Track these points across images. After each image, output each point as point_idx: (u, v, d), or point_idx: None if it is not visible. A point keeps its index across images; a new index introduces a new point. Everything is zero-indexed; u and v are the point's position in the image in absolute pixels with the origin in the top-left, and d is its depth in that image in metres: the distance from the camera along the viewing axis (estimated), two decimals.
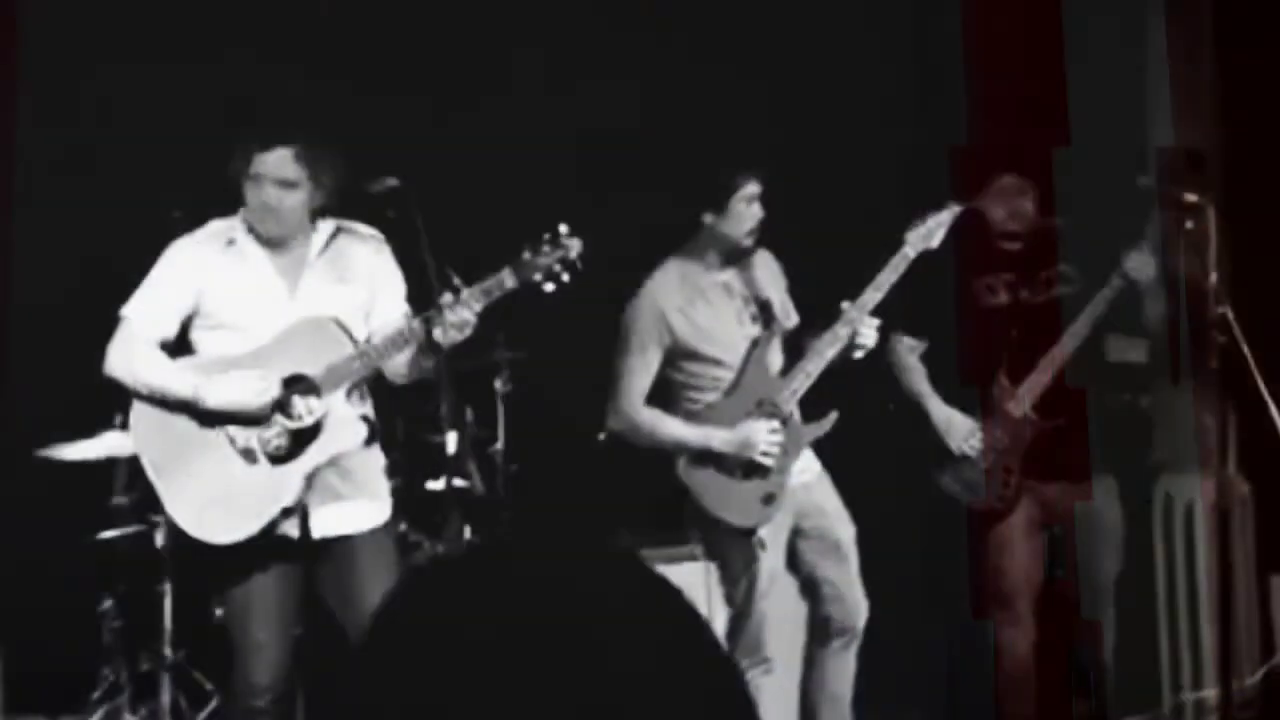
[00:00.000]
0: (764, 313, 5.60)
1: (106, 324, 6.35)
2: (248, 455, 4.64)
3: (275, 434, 4.65)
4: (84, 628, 6.28)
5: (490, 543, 5.78)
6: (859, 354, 5.47)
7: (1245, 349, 5.43)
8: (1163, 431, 6.82)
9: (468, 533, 6.36)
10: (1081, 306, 5.67)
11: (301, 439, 4.65)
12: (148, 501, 6.22)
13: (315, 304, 4.76)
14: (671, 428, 5.48)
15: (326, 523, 4.74)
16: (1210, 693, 6.36)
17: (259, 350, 4.70)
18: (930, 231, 5.48)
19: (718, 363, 5.50)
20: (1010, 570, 5.74)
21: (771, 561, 5.47)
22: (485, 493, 6.60)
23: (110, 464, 6.31)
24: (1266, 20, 6.69)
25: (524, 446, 6.79)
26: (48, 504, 6.39)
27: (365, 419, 4.79)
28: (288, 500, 4.65)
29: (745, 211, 5.46)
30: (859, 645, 5.63)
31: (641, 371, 5.45)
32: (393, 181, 4.78)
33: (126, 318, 4.79)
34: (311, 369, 4.67)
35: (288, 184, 4.73)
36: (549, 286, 4.78)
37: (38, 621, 6.28)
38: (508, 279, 4.73)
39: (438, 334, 4.63)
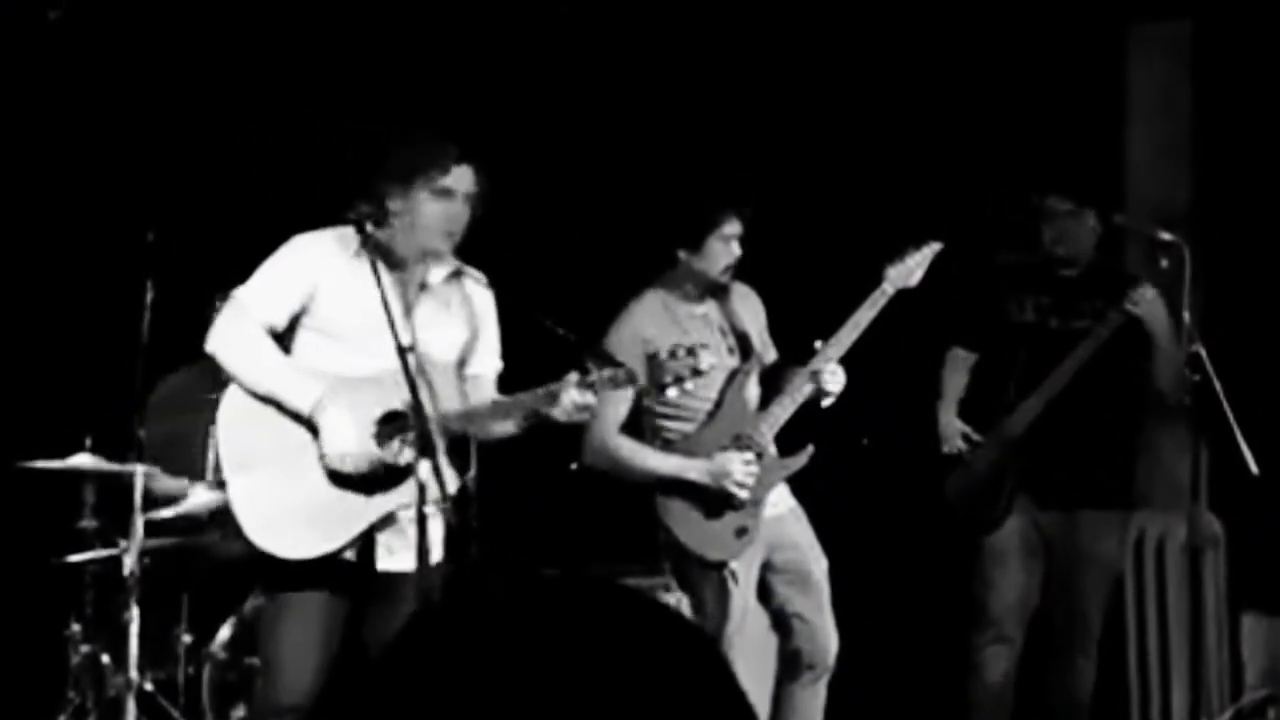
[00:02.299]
0: (742, 345, 5.59)
1: (75, 346, 6.36)
2: (335, 477, 4.47)
3: (363, 461, 4.47)
4: (50, 652, 6.23)
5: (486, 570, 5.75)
6: (827, 401, 5.46)
7: (1218, 386, 5.46)
8: (1141, 465, 6.86)
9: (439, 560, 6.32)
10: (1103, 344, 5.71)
11: (393, 475, 4.49)
12: (116, 525, 6.22)
13: (425, 334, 4.56)
14: (647, 458, 5.46)
15: (386, 558, 4.58)
16: None
17: (377, 374, 4.45)
18: (909, 270, 5.48)
19: (694, 394, 5.48)
20: (996, 589, 5.76)
21: (743, 595, 5.46)
22: (456, 522, 6.56)
23: (79, 486, 6.27)
24: (1241, 65, 6.75)
25: (496, 476, 6.76)
26: (14, 526, 6.35)
27: (457, 469, 4.68)
28: (359, 530, 4.49)
29: (721, 250, 5.43)
30: (829, 678, 5.62)
31: (618, 401, 5.43)
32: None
33: (241, 300, 4.55)
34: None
35: (469, 200, 4.59)
36: (672, 393, 4.74)
37: (3, 645, 6.24)
38: (641, 374, 4.69)
39: (556, 413, 4.54)
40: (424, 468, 5.52)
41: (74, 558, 6.23)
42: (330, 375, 4.50)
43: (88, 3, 6.74)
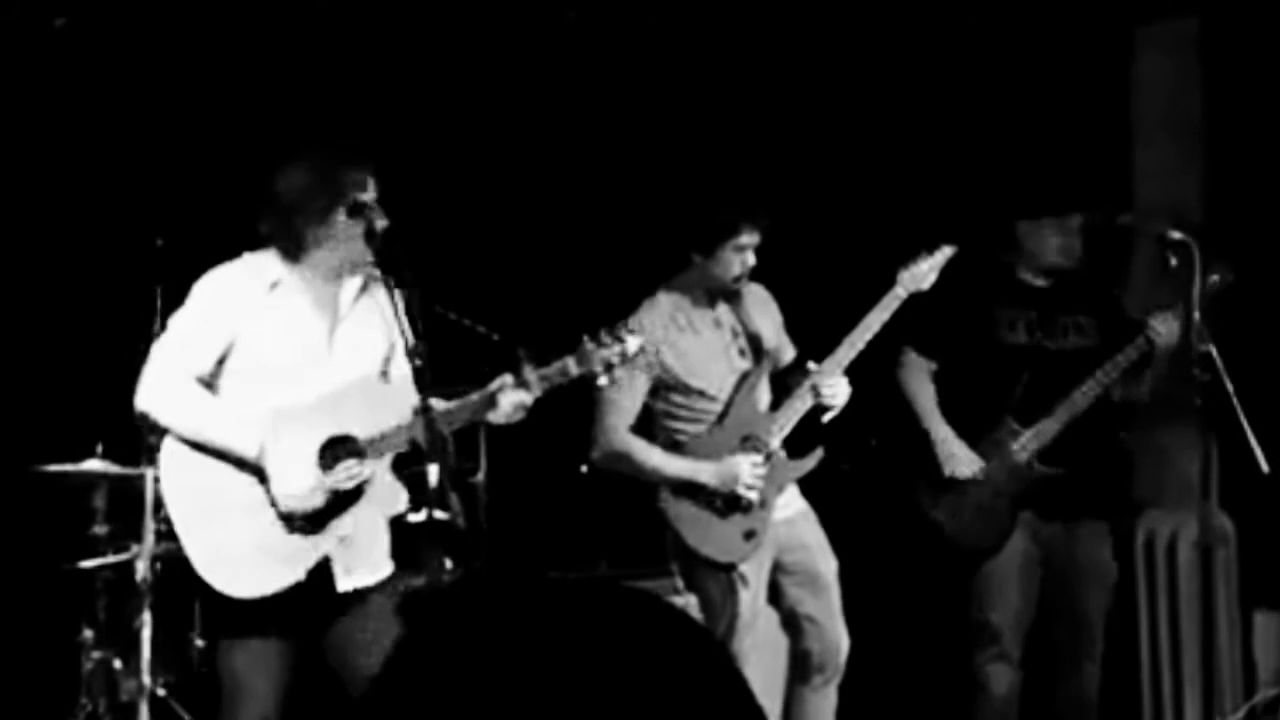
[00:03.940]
0: (754, 347, 5.58)
1: (86, 352, 6.38)
2: (285, 518, 4.41)
3: (315, 496, 4.41)
4: (63, 658, 6.24)
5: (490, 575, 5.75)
6: (828, 415, 5.45)
7: (1229, 385, 5.44)
8: (1145, 468, 6.84)
9: (449, 565, 6.33)
10: (1098, 361, 5.67)
11: (341, 501, 4.43)
12: (128, 530, 6.23)
13: (350, 353, 4.53)
14: (656, 459, 5.46)
15: (345, 578, 4.54)
16: None
17: (311, 404, 4.43)
18: (922, 273, 5.47)
19: (704, 395, 5.49)
20: (998, 607, 5.73)
21: (752, 597, 5.45)
22: (466, 525, 6.58)
23: (90, 492, 6.29)
24: (1249, 62, 6.74)
25: (505, 478, 6.78)
26: (26, 532, 6.37)
27: (468, 474, 4.67)
28: (315, 560, 4.45)
29: (734, 259, 5.42)
30: (839, 680, 5.61)
31: (629, 401, 5.43)
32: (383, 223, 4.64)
33: (166, 351, 4.44)
34: (360, 430, 4.45)
35: (377, 207, 4.48)
36: (603, 380, 4.68)
37: (16, 651, 6.26)
38: (572, 367, 4.61)
39: (495, 416, 4.53)
40: (433, 472, 5.56)
41: (86, 563, 6.25)
42: (266, 411, 4.41)
43: (93, 11, 6.75)
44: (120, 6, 6.75)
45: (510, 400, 4.53)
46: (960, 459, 5.71)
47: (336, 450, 4.44)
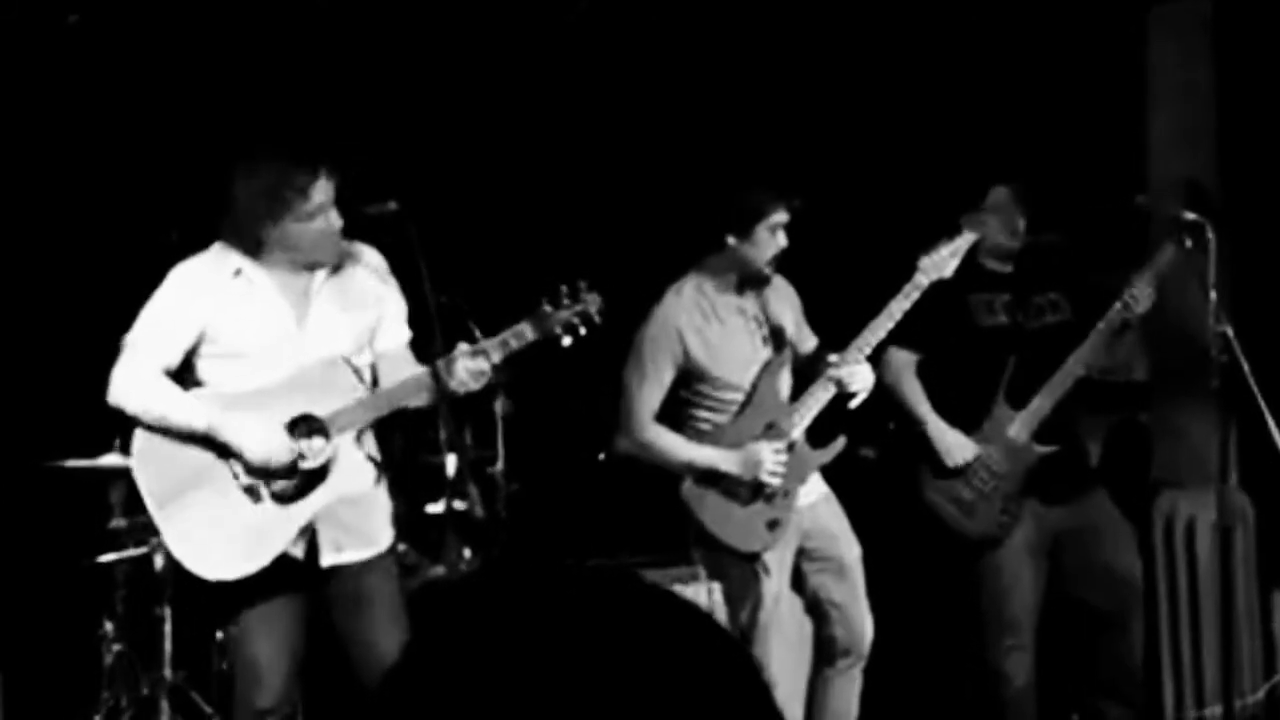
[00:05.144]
0: (776, 336, 5.58)
1: (103, 345, 6.37)
2: (251, 493, 4.53)
3: (282, 450, 4.53)
4: (84, 651, 6.25)
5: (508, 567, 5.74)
6: (855, 402, 5.45)
7: (1245, 366, 5.44)
8: (1162, 448, 6.84)
9: (467, 555, 6.34)
10: (1081, 335, 5.66)
11: (308, 480, 4.55)
12: (147, 524, 6.24)
13: (323, 333, 4.64)
14: (680, 448, 5.46)
15: (334, 554, 4.66)
16: (1214, 710, 6.36)
17: (271, 387, 4.56)
18: (943, 260, 5.46)
19: (729, 384, 5.49)
20: (1012, 596, 5.72)
21: (776, 585, 5.45)
22: (485, 514, 6.58)
23: (108, 486, 6.29)
24: (1265, 43, 6.72)
25: (523, 467, 6.78)
26: (45, 527, 6.37)
27: (372, 460, 4.71)
28: (285, 544, 4.55)
29: (768, 239, 5.43)
30: (864, 665, 5.61)
31: (654, 389, 5.43)
32: (392, 205, 4.74)
33: (131, 344, 4.60)
34: (321, 409, 4.56)
35: (330, 209, 4.59)
36: (567, 340, 4.70)
37: (37, 646, 6.26)
38: (528, 331, 4.66)
39: (453, 385, 4.57)
40: (451, 462, 5.60)
41: (105, 558, 6.26)
42: (236, 394, 4.55)
43: (106, 7, 6.75)
44: (133, 2, 6.75)
45: (465, 367, 4.56)
46: (958, 447, 5.71)
47: (301, 429, 4.56)
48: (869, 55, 7.16)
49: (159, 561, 6.13)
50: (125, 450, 6.23)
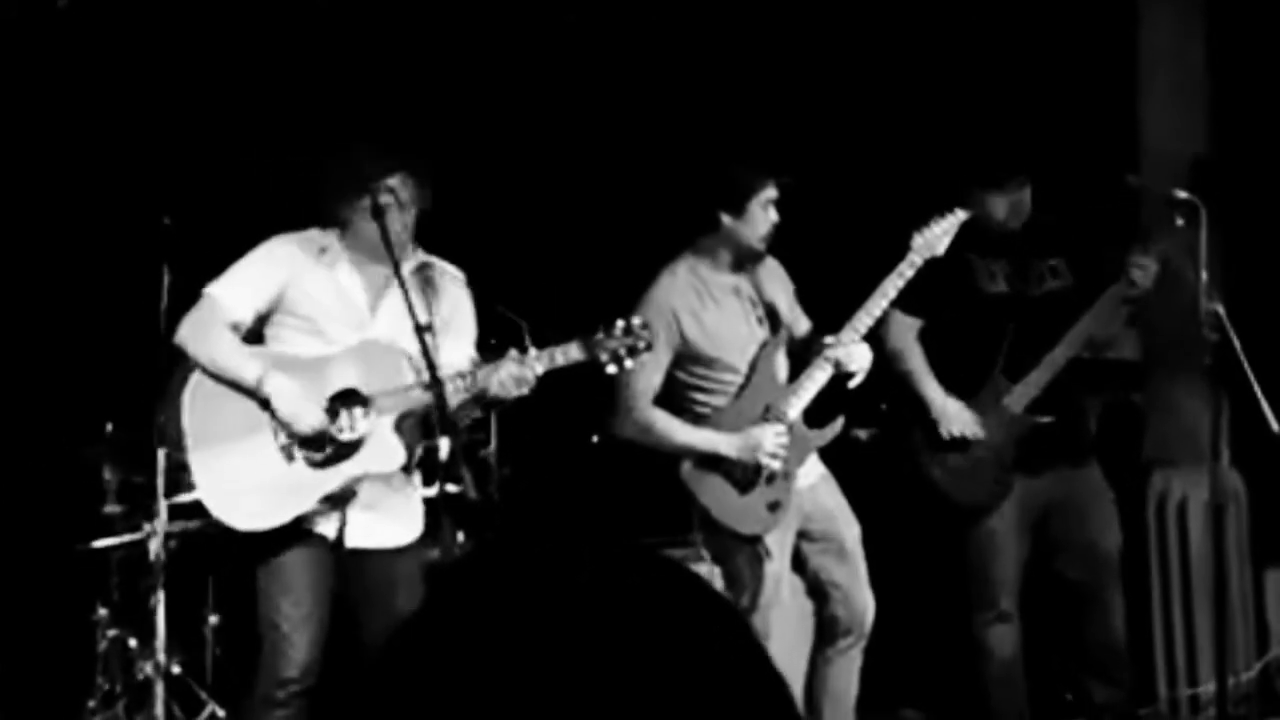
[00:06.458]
0: (771, 318, 5.57)
1: (97, 329, 6.38)
2: (286, 452, 4.67)
3: (320, 422, 4.65)
4: (78, 637, 6.27)
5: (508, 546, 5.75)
6: (854, 381, 5.44)
7: (1237, 344, 5.44)
8: (1155, 427, 6.84)
9: (461, 538, 6.34)
10: (1081, 307, 5.65)
11: (341, 451, 4.67)
12: (141, 510, 6.24)
13: (393, 326, 4.75)
14: (679, 431, 5.45)
15: (359, 534, 4.74)
16: (1207, 688, 6.37)
17: (326, 357, 4.72)
18: (936, 237, 5.44)
19: (727, 366, 5.48)
20: (994, 567, 5.73)
21: (777, 566, 5.45)
22: (478, 497, 6.59)
23: (102, 472, 6.30)
24: (1257, 19, 6.72)
25: (516, 450, 6.79)
26: (39, 513, 6.38)
27: (408, 447, 4.77)
28: (308, 506, 4.67)
29: (762, 215, 5.43)
30: (865, 644, 5.61)
31: (652, 372, 5.42)
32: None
33: (210, 295, 4.78)
34: (368, 387, 4.68)
35: (411, 203, 4.78)
36: (611, 369, 4.75)
37: (32, 631, 6.27)
38: (575, 351, 4.71)
39: (495, 387, 4.64)
40: (444, 445, 5.61)
41: (99, 543, 6.26)
42: (293, 358, 4.74)
43: None
44: None
45: (509, 371, 4.64)
46: (956, 417, 5.70)
47: (345, 401, 4.68)
48: (860, 33, 7.15)
49: (153, 547, 6.13)
50: (118, 434, 6.26)
